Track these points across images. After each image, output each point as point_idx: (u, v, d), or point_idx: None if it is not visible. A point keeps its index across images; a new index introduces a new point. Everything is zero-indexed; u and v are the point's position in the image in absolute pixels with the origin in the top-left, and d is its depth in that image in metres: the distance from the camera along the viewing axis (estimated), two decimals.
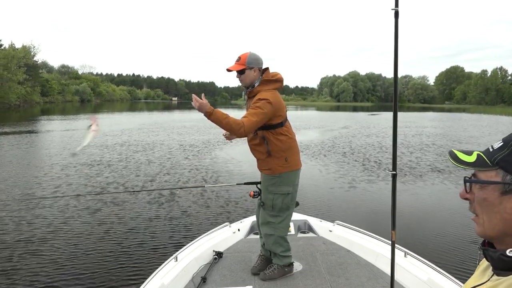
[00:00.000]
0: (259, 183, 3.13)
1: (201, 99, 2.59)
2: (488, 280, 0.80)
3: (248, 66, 2.87)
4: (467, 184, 0.85)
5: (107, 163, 10.90)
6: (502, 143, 0.81)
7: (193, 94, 2.62)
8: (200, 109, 2.58)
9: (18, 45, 61.33)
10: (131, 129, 21.53)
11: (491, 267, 0.83)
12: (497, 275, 0.79)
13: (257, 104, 2.75)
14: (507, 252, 0.76)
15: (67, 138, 17.20)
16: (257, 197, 3.14)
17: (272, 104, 2.78)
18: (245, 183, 3.34)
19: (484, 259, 0.86)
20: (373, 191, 8.22)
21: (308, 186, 8.55)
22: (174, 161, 11.44)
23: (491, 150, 0.83)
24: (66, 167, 10.33)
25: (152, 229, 5.75)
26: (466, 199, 0.87)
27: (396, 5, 1.78)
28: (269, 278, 3.00)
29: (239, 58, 2.90)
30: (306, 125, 26.03)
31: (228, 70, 2.91)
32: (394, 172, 1.65)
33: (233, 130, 2.65)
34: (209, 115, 2.59)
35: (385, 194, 7.98)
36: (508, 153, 0.78)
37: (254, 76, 2.90)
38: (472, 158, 0.84)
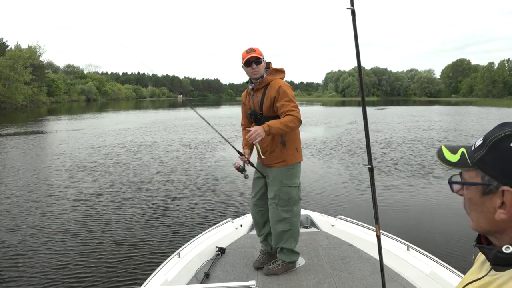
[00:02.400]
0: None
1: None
2: (486, 274, 0.80)
3: (263, 57, 2.94)
4: (452, 185, 0.86)
5: (117, 161, 11.02)
6: (481, 141, 0.81)
7: (248, 137, 2.71)
8: (259, 137, 2.67)
9: (24, 46, 61.86)
10: (142, 128, 21.63)
11: (488, 262, 0.83)
12: (495, 270, 0.80)
13: (287, 97, 2.84)
14: (503, 249, 0.76)
15: (77, 138, 17.31)
16: (241, 172, 3.04)
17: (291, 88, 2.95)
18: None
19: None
20: (376, 186, 8.21)
21: (312, 181, 8.57)
22: (181, 160, 11.52)
23: (473, 148, 0.83)
24: (71, 167, 10.45)
25: (155, 225, 5.81)
26: (461, 195, 0.87)
27: (352, 4, 1.80)
28: (272, 273, 3.00)
29: (253, 49, 2.91)
30: (311, 122, 25.97)
31: (253, 57, 2.87)
32: (370, 166, 1.67)
33: (294, 128, 2.82)
34: (269, 133, 2.72)
35: (387, 189, 7.98)
36: (485, 153, 0.78)
37: (264, 68, 2.98)
38: (456, 158, 0.85)
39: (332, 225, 3.84)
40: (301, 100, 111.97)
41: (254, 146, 3.09)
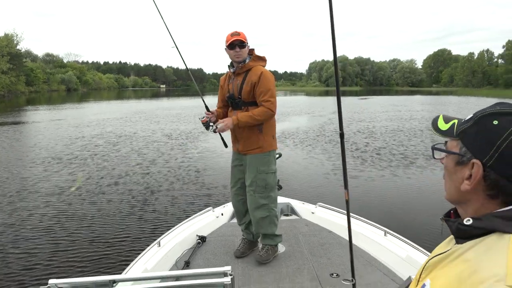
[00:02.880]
0: None
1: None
2: (451, 248, 0.83)
3: (247, 42, 2.95)
4: (434, 151, 0.90)
5: (95, 152, 10.86)
6: (472, 115, 0.84)
7: (217, 127, 2.89)
8: (227, 128, 2.88)
9: (0, 34, 59.95)
10: (123, 118, 21.31)
11: None
12: (457, 243, 0.82)
13: (266, 86, 2.88)
14: (464, 221, 0.79)
15: (54, 129, 16.97)
16: (207, 128, 3.05)
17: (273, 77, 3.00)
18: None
19: None
20: (355, 175, 8.33)
21: (293, 170, 8.64)
22: (164, 149, 11.41)
23: (462, 120, 0.87)
24: (53, 159, 10.26)
25: (134, 217, 5.76)
26: (442, 163, 0.91)
27: None
28: (265, 259, 3.03)
29: (238, 33, 2.93)
30: (295, 111, 26.03)
31: (236, 40, 2.88)
32: (341, 132, 1.71)
33: (265, 120, 2.90)
34: (238, 126, 2.87)
35: (369, 178, 8.10)
36: (469, 125, 0.81)
37: (247, 53, 2.98)
38: (446, 127, 0.89)
39: (312, 213, 3.88)
40: (284, 89, 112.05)
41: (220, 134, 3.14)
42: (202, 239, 3.34)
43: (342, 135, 1.72)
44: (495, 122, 0.77)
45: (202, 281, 1.36)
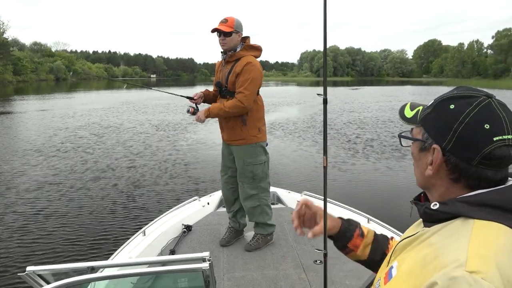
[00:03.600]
0: None
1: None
2: (418, 231, 0.85)
3: (235, 30, 2.85)
4: (401, 138, 0.91)
5: (82, 144, 10.77)
6: (433, 101, 0.85)
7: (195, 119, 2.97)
8: (199, 120, 2.95)
9: None
10: (111, 108, 21.05)
11: None
12: (425, 226, 0.85)
13: (246, 78, 2.80)
14: (431, 205, 0.81)
15: (39, 119, 16.73)
16: (188, 112, 3.04)
17: (260, 69, 2.89)
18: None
19: None
20: (340, 164, 8.44)
21: (279, 160, 8.68)
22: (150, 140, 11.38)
23: (425, 106, 0.87)
24: (40, 149, 10.15)
25: (120, 206, 5.77)
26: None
27: None
28: (255, 248, 3.07)
29: (226, 20, 2.84)
30: (286, 102, 25.86)
31: (216, 29, 2.83)
32: (325, 97, 1.75)
33: (236, 113, 2.85)
34: (208, 117, 2.91)
35: (352, 167, 8.20)
36: (429, 111, 0.83)
37: (237, 41, 2.90)
38: (411, 114, 0.90)
39: (298, 201, 3.91)
40: (276, 80, 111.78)
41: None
42: (188, 228, 3.33)
43: (325, 101, 1.76)
44: (452, 106, 0.78)
45: (180, 266, 1.36)
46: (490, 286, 0.61)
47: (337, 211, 3.60)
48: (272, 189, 4.15)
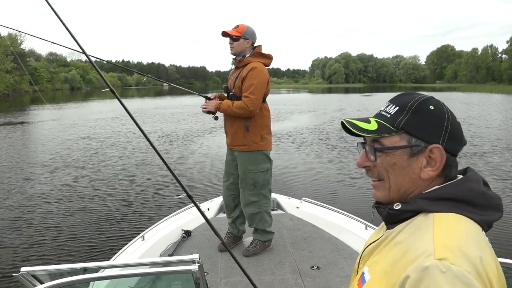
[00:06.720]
0: None
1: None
2: (383, 235, 0.87)
3: (244, 36, 2.95)
4: (376, 152, 0.85)
5: (88, 151, 10.88)
6: (396, 107, 0.85)
7: (201, 107, 3.06)
8: (209, 107, 3.01)
9: (3, 33, 60.13)
10: (124, 117, 21.17)
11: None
12: (388, 228, 0.87)
13: (251, 83, 2.86)
14: (394, 206, 0.84)
15: (57, 128, 16.95)
16: (212, 114, 3.08)
17: (265, 75, 2.94)
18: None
19: None
20: (341, 170, 8.32)
21: (281, 167, 8.65)
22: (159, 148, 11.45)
23: (387, 115, 0.86)
24: (45, 157, 10.27)
25: (119, 210, 5.82)
26: (365, 167, 0.89)
27: None
28: (252, 253, 3.10)
29: (237, 26, 2.98)
30: (298, 109, 25.80)
31: (224, 33, 2.97)
32: None
33: (241, 114, 2.89)
34: (217, 109, 3.00)
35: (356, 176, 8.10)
36: (409, 116, 0.82)
37: (246, 48, 2.99)
38: (373, 126, 0.85)
39: (297, 207, 3.94)
40: (287, 87, 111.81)
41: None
42: (187, 233, 3.36)
43: None
44: (431, 107, 0.82)
45: (170, 268, 1.38)
46: (460, 269, 0.65)
47: (331, 215, 3.60)
48: (272, 195, 4.19)
